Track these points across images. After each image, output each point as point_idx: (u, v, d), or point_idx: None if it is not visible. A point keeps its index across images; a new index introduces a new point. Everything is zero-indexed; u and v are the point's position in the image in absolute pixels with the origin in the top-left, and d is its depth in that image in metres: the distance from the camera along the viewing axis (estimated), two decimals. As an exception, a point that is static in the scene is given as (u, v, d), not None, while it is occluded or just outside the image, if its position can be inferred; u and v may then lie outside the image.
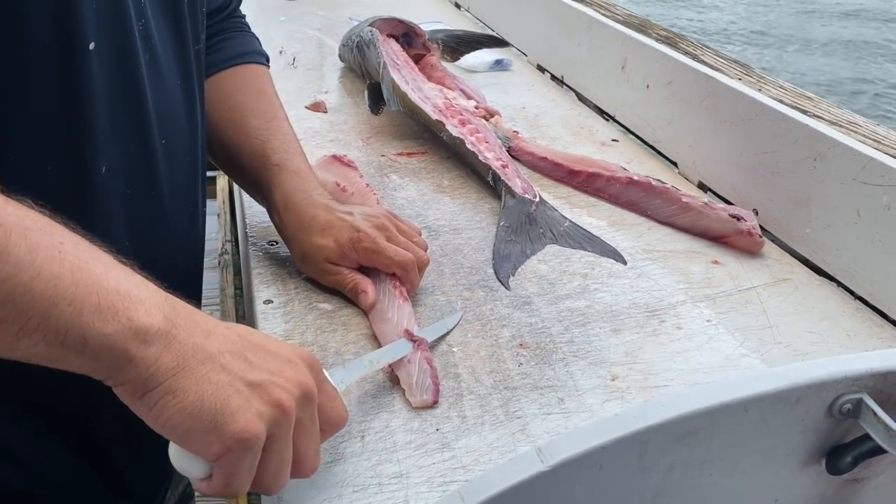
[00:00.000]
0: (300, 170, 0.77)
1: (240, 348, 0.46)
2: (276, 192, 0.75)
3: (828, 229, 0.83)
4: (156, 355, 0.42)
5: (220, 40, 0.83)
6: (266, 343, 0.48)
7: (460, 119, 1.06)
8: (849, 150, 0.80)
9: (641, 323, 0.73)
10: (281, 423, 0.45)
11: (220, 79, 0.80)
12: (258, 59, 0.86)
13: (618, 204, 0.96)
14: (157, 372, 0.42)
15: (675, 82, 1.07)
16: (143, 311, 0.42)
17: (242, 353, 0.46)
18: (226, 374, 0.44)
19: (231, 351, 0.45)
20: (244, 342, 0.46)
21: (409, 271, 0.71)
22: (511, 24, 1.64)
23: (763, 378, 0.43)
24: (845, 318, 0.77)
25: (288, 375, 0.46)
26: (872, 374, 0.44)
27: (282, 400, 0.45)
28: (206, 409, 0.42)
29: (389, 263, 0.71)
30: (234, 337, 0.46)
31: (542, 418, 0.60)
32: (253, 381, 0.45)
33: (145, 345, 0.42)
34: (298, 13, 1.75)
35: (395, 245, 0.72)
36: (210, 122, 0.78)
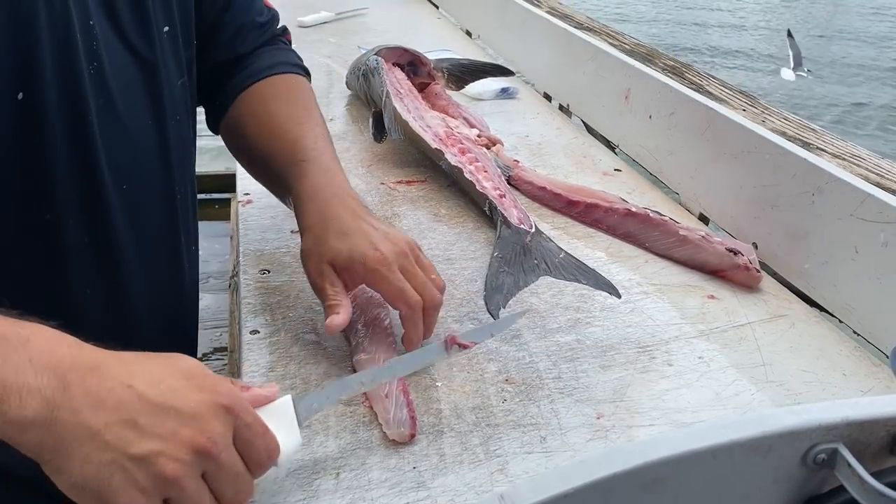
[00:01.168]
0: (330, 168, 0.73)
1: (133, 414, 0.45)
2: (304, 182, 0.71)
3: (826, 265, 0.82)
4: (37, 439, 0.43)
5: (256, 56, 0.83)
6: (172, 398, 0.47)
7: (460, 148, 1.06)
8: (846, 186, 0.79)
9: (631, 359, 0.72)
10: (172, 491, 0.45)
11: (252, 90, 0.80)
12: (293, 70, 0.84)
13: (615, 235, 0.95)
14: (41, 452, 0.44)
15: (677, 113, 1.07)
16: (15, 403, 0.43)
17: (134, 421, 0.45)
18: (109, 451, 0.44)
19: (120, 421, 0.45)
20: (142, 405, 0.46)
21: (414, 311, 0.66)
22: (520, 53, 1.65)
23: (733, 426, 0.42)
24: (842, 356, 0.75)
25: (183, 437, 0.46)
26: (848, 423, 0.42)
27: (166, 472, 0.45)
28: (90, 489, 0.44)
29: (393, 296, 0.66)
30: (132, 399, 0.46)
31: (523, 457, 0.59)
32: (137, 455, 0.44)
33: (22, 433, 0.43)
34: (310, 40, 1.76)
35: (410, 278, 0.67)
36: (243, 135, 0.79)
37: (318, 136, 0.76)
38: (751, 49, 7.02)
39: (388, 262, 0.66)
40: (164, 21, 0.66)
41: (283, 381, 0.65)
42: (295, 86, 0.82)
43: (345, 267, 0.67)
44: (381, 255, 0.66)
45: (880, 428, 0.43)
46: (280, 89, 0.81)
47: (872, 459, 0.44)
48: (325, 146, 0.76)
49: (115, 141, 0.59)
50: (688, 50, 6.60)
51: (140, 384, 0.46)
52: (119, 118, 0.59)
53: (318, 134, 0.77)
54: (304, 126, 0.76)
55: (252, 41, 0.83)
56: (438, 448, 0.60)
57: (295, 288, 0.79)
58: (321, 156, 0.74)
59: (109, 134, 0.58)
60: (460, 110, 1.21)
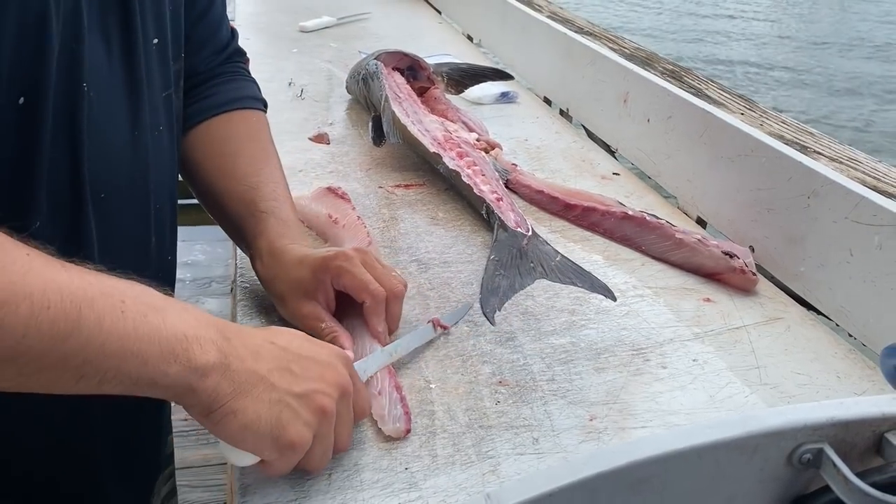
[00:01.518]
0: (288, 219, 0.74)
1: (285, 363, 0.53)
2: (261, 238, 0.73)
3: (822, 268, 0.82)
4: (214, 384, 0.49)
5: (214, 85, 0.82)
6: (307, 350, 0.55)
7: (458, 152, 1.06)
8: (841, 189, 0.79)
9: (625, 361, 0.72)
10: (324, 424, 0.53)
11: (211, 125, 0.79)
12: (254, 105, 0.84)
13: (612, 238, 0.96)
14: (217, 397, 0.49)
15: (675, 117, 1.07)
16: (198, 350, 0.49)
17: (288, 367, 0.53)
18: (276, 391, 0.51)
19: (278, 367, 0.53)
20: (288, 355, 0.54)
21: (377, 302, 0.68)
22: (520, 57, 1.65)
23: (718, 426, 0.42)
24: (837, 359, 0.75)
25: (329, 379, 0.54)
26: (834, 423, 0.43)
27: (324, 406, 0.53)
28: (263, 424, 0.51)
29: (357, 287, 0.68)
30: (279, 352, 0.54)
31: (515, 459, 0.60)
32: (299, 392, 0.52)
33: (204, 378, 0.49)
34: (311, 45, 1.77)
35: (371, 270, 0.69)
36: (199, 170, 0.77)
37: (276, 182, 0.77)
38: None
39: (347, 255, 0.69)
40: (153, 33, 0.65)
41: (277, 382, 0.66)
42: (255, 125, 0.82)
43: (315, 287, 0.69)
44: (339, 252, 0.69)
45: (866, 428, 0.43)
46: (241, 128, 0.81)
47: (858, 459, 0.44)
48: (283, 194, 0.76)
49: (97, 151, 0.58)
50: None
51: (280, 341, 0.55)
52: (101, 129, 0.59)
53: (277, 180, 0.77)
54: (263, 171, 0.77)
55: (214, 60, 0.82)
56: (431, 449, 0.60)
57: (291, 290, 0.79)
58: (279, 206, 0.75)
59: (94, 144, 0.58)
60: (459, 114, 1.22)
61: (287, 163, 0.84)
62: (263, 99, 0.87)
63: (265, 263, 0.72)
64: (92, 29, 0.58)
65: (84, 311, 0.45)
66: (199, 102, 0.80)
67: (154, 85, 0.66)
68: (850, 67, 6.75)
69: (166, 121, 0.68)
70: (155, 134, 0.66)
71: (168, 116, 0.69)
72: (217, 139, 0.79)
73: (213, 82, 0.82)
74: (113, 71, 0.60)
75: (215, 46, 0.83)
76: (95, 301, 0.46)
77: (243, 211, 0.75)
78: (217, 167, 0.77)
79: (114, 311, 0.46)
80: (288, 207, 0.76)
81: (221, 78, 0.83)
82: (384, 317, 0.69)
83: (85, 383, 0.46)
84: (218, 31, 0.83)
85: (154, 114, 0.66)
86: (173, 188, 0.72)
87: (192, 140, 0.79)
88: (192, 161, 0.78)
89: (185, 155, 0.78)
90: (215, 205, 0.78)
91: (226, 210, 0.76)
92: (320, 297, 0.69)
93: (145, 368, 0.47)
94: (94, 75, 0.58)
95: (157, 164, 0.67)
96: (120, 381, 0.46)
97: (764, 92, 5.86)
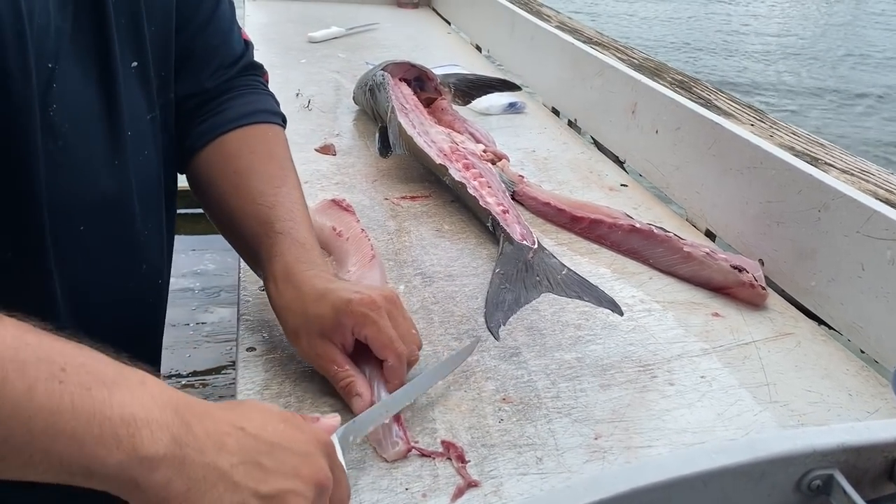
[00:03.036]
0: (305, 241, 0.69)
1: (255, 455, 0.46)
2: (277, 260, 0.67)
3: (833, 282, 0.80)
4: (165, 481, 0.41)
5: (227, 100, 0.77)
6: (283, 437, 0.47)
7: (465, 163, 1.05)
8: (852, 202, 0.77)
9: (632, 378, 0.71)
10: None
11: (224, 142, 0.74)
12: (270, 119, 0.79)
13: (620, 251, 0.95)
14: (167, 497, 0.42)
15: (683, 128, 1.06)
16: (147, 438, 0.41)
17: (257, 460, 0.45)
18: (239, 492, 0.44)
19: (245, 462, 0.45)
20: (260, 445, 0.46)
21: (402, 364, 0.63)
22: (528, 67, 1.64)
23: (724, 451, 0.41)
24: (848, 376, 0.73)
25: (305, 475, 0.47)
26: (844, 448, 0.41)
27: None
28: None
29: (382, 344, 0.62)
30: (249, 441, 0.46)
31: (518, 479, 0.58)
32: (267, 493, 0.45)
33: (153, 471, 0.41)
34: (320, 55, 1.77)
35: (396, 326, 0.64)
36: (212, 189, 0.73)
37: (294, 202, 0.72)
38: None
39: (376, 304, 0.63)
40: (131, 56, 0.62)
41: (277, 399, 0.65)
42: (272, 140, 0.77)
43: (334, 328, 0.63)
44: (367, 297, 0.63)
45: (878, 454, 0.42)
46: (256, 144, 0.75)
47: (870, 486, 0.42)
48: (301, 214, 0.71)
49: (65, 186, 0.56)
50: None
51: (252, 426, 0.47)
52: (72, 161, 0.56)
53: (295, 199, 0.72)
54: (280, 190, 0.72)
55: (224, 74, 0.77)
56: (432, 469, 0.59)
57: (294, 304, 0.78)
58: (296, 227, 0.69)
59: (59, 179, 0.55)
60: (466, 125, 1.21)
61: (292, 174, 0.83)
62: (281, 113, 0.82)
63: (279, 289, 0.66)
64: (63, 55, 0.55)
65: (11, 378, 0.38)
66: (211, 119, 0.76)
67: (136, 108, 0.63)
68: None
69: (153, 143, 0.65)
70: (139, 159, 0.63)
71: (154, 139, 0.66)
72: (230, 156, 0.74)
73: (226, 97, 0.77)
74: (86, 99, 0.58)
75: (224, 60, 0.78)
76: (28, 366, 0.39)
77: (258, 231, 0.70)
78: (231, 185, 0.72)
79: (49, 381, 0.39)
80: (306, 229, 0.71)
81: (234, 92, 0.78)
82: (403, 378, 0.64)
83: (4, 466, 0.39)
84: (225, 43, 0.78)
85: (137, 138, 0.63)
86: (161, 213, 0.69)
87: (204, 158, 0.74)
88: (205, 180, 0.74)
89: (197, 174, 0.75)
90: (229, 225, 0.73)
91: (239, 230, 0.72)
92: (338, 339, 0.64)
93: (80, 453, 0.39)
94: (66, 103, 0.55)
95: (143, 190, 0.64)
96: (49, 466, 0.39)
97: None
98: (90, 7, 0.58)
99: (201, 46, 0.74)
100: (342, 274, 0.81)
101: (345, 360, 0.64)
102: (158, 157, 0.67)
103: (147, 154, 0.65)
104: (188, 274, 2.50)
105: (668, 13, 8.81)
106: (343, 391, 0.64)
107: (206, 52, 0.75)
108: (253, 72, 0.82)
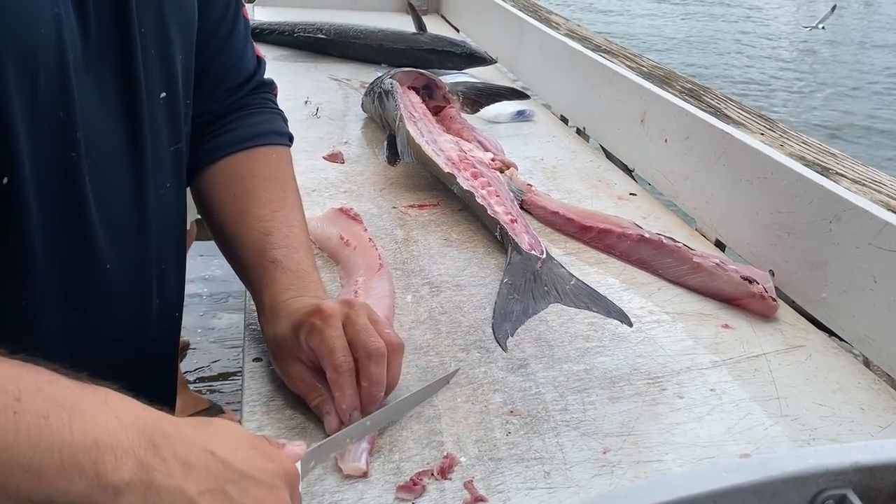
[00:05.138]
0: (298, 269, 0.68)
1: (221, 482, 0.45)
2: (266, 291, 0.67)
3: (844, 294, 0.79)
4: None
5: (236, 118, 0.77)
6: (251, 465, 0.47)
7: (473, 172, 1.05)
8: (864, 213, 0.77)
9: (641, 391, 0.71)
10: None
11: (228, 164, 0.74)
12: (276, 141, 0.78)
13: (629, 261, 0.94)
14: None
15: (693, 137, 1.05)
16: (111, 463, 0.40)
17: (224, 489, 0.44)
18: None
19: (211, 489, 0.44)
20: (228, 472, 0.45)
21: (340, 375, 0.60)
22: (537, 76, 1.64)
23: (735, 469, 0.40)
24: (860, 390, 0.73)
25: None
26: (858, 468, 0.41)
27: None
28: None
29: (324, 351, 0.60)
30: (218, 466, 0.45)
31: (525, 493, 0.58)
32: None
33: (117, 497, 0.40)
34: (328, 63, 1.77)
35: (349, 326, 0.61)
36: (214, 211, 0.73)
37: (291, 225, 0.71)
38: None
39: (324, 313, 0.61)
40: (161, 86, 0.61)
41: (282, 410, 0.64)
42: (274, 163, 0.76)
43: (295, 345, 0.62)
44: (316, 306, 0.61)
45: (892, 473, 0.41)
46: (259, 168, 0.75)
47: (884, 505, 0.42)
48: (297, 238, 0.70)
49: (103, 216, 0.56)
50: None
51: (221, 451, 0.46)
52: (96, 201, 0.56)
53: (292, 221, 0.71)
54: (278, 214, 0.71)
55: (234, 94, 0.77)
56: (438, 483, 0.58)
57: (300, 314, 0.78)
58: (290, 254, 0.68)
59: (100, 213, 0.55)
60: (475, 133, 1.21)
61: (301, 182, 0.82)
62: (289, 133, 0.81)
63: (266, 319, 0.66)
64: (85, 87, 0.54)
65: None
66: (218, 138, 0.75)
67: (160, 140, 0.62)
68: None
69: (174, 177, 0.65)
70: (160, 192, 0.62)
71: (176, 172, 0.65)
72: (232, 180, 0.73)
73: (235, 115, 0.77)
74: (111, 134, 0.57)
75: (236, 80, 0.77)
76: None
77: (252, 259, 0.69)
78: (232, 210, 0.72)
79: (4, 413, 0.37)
80: (301, 255, 0.69)
81: (243, 111, 0.78)
82: (349, 391, 0.60)
83: None
84: (239, 63, 0.77)
85: (159, 171, 0.62)
86: (181, 245, 0.69)
87: (208, 178, 0.74)
88: (208, 201, 0.74)
89: (201, 194, 0.75)
90: (229, 249, 0.73)
91: (237, 256, 0.71)
92: (303, 356, 0.62)
93: (38, 485, 0.38)
94: (91, 142, 0.54)
95: (161, 224, 0.63)
96: (6, 497, 0.38)
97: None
98: (114, 42, 0.57)
99: (216, 68, 0.74)
100: (350, 283, 0.81)
101: (314, 378, 0.62)
102: (178, 190, 0.66)
103: (169, 187, 0.64)
104: (196, 279, 2.51)
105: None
106: (315, 410, 0.62)
107: (219, 74, 0.75)
108: (264, 90, 0.82)
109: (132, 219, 0.60)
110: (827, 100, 6.16)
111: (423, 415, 0.66)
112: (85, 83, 0.54)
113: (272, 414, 0.64)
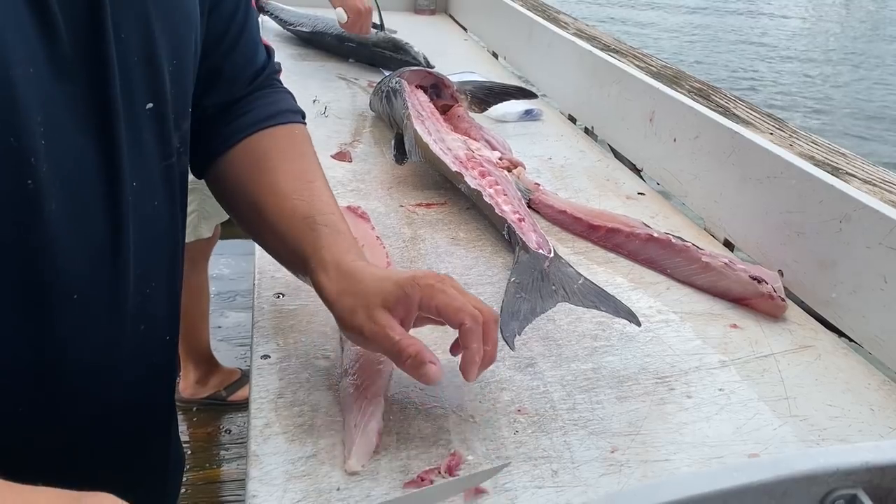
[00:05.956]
0: (344, 230, 0.69)
1: None
2: (326, 251, 0.66)
3: (854, 294, 0.79)
4: None
5: (251, 100, 0.77)
6: None
7: (481, 171, 1.05)
8: (875, 213, 0.76)
9: (649, 390, 0.70)
10: None
11: (252, 141, 0.74)
12: (295, 119, 0.79)
13: (637, 261, 0.94)
14: None
15: (702, 136, 1.05)
16: None
17: None
18: None
19: None
20: None
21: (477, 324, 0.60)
22: (544, 75, 1.64)
23: (745, 468, 0.40)
24: (870, 390, 0.72)
25: None
26: (869, 467, 0.40)
27: None
28: None
29: (454, 309, 0.60)
30: None
31: (533, 492, 0.58)
32: None
33: None
34: (336, 62, 1.77)
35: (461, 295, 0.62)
36: (241, 189, 0.73)
37: (329, 195, 0.72)
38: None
39: (440, 277, 0.63)
40: (146, 97, 0.57)
41: (291, 408, 0.64)
42: (299, 139, 0.77)
43: (398, 301, 0.61)
44: (425, 272, 0.63)
45: (903, 473, 0.41)
46: (285, 144, 0.75)
47: (895, 506, 0.41)
48: (338, 210, 0.72)
49: (65, 245, 0.52)
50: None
51: None
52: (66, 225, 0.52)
53: (329, 192, 0.73)
54: (314, 185, 0.72)
55: (248, 86, 0.77)
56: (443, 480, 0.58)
57: (308, 313, 0.78)
58: (338, 221, 0.69)
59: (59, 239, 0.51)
60: (482, 132, 1.21)
61: (308, 181, 0.83)
62: (301, 110, 0.83)
63: (332, 277, 0.65)
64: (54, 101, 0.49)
65: None
66: (237, 120, 0.75)
67: (146, 156, 0.59)
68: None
69: (166, 191, 0.62)
70: (145, 212, 0.59)
71: (168, 186, 0.63)
72: (260, 157, 0.73)
73: (249, 97, 0.77)
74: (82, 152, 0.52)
75: (249, 75, 0.78)
76: None
77: (300, 225, 0.69)
78: (266, 184, 0.71)
79: None
80: (340, 217, 0.71)
81: (255, 93, 0.78)
82: (481, 340, 0.61)
83: None
84: (251, 60, 0.77)
85: (146, 189, 0.59)
86: (174, 263, 0.66)
87: (231, 160, 0.74)
88: (232, 180, 0.74)
89: (223, 176, 0.74)
90: (262, 224, 0.72)
91: (276, 227, 0.70)
92: (400, 310, 0.61)
93: None
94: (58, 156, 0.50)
95: (146, 245, 0.60)
96: None
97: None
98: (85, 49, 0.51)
99: (229, 66, 0.74)
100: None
101: (399, 327, 0.61)
102: (172, 204, 0.64)
103: (156, 205, 0.61)
104: (204, 278, 2.51)
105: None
106: (411, 361, 0.59)
107: (233, 70, 0.75)
108: (273, 74, 0.82)
109: (107, 241, 0.56)
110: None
111: (431, 412, 0.66)
112: (54, 98, 0.49)
113: (280, 411, 0.64)
